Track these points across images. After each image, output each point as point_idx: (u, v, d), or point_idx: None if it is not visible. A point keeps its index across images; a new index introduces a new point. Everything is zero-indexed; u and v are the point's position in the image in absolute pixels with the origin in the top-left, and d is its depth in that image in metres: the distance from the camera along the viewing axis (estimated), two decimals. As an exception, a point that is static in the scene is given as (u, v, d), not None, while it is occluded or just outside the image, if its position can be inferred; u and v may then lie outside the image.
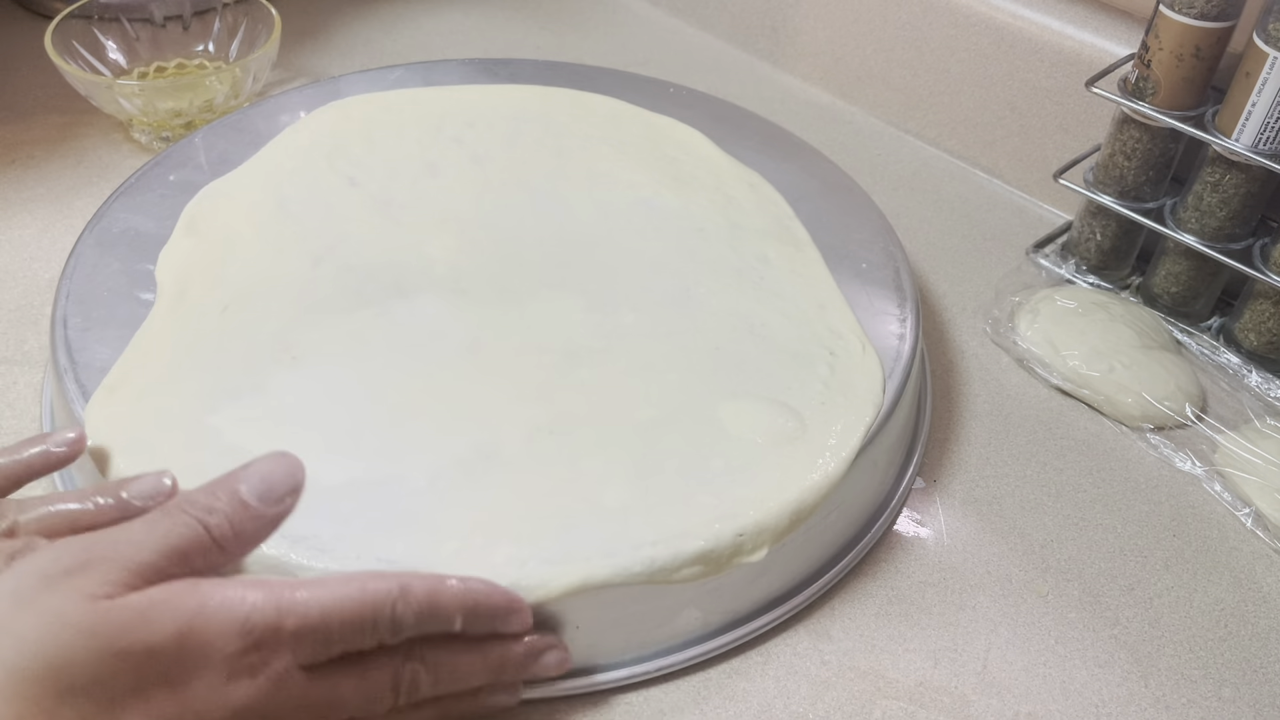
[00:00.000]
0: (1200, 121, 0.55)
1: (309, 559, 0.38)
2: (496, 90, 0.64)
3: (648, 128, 0.62)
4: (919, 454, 0.52)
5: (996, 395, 0.56)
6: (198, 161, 0.57)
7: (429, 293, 0.50)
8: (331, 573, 0.37)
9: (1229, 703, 0.43)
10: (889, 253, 0.55)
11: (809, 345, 0.49)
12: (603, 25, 0.85)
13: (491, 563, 0.39)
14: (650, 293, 0.51)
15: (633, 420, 0.45)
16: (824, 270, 0.53)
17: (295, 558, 0.38)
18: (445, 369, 0.46)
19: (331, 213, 0.54)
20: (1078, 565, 0.48)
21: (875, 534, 0.48)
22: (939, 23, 0.70)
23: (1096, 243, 0.62)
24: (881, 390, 0.47)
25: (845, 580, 0.46)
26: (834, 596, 0.46)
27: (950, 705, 0.42)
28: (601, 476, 0.42)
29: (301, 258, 0.51)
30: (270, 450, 0.36)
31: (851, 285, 0.53)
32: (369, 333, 0.48)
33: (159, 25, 0.70)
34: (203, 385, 0.45)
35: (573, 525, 0.40)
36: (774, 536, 0.42)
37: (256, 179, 0.56)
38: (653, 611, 0.41)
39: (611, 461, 0.43)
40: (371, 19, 0.83)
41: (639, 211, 0.56)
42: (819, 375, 0.47)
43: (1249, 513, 0.51)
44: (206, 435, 0.42)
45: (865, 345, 0.49)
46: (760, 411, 0.45)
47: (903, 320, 0.51)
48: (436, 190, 0.56)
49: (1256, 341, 0.57)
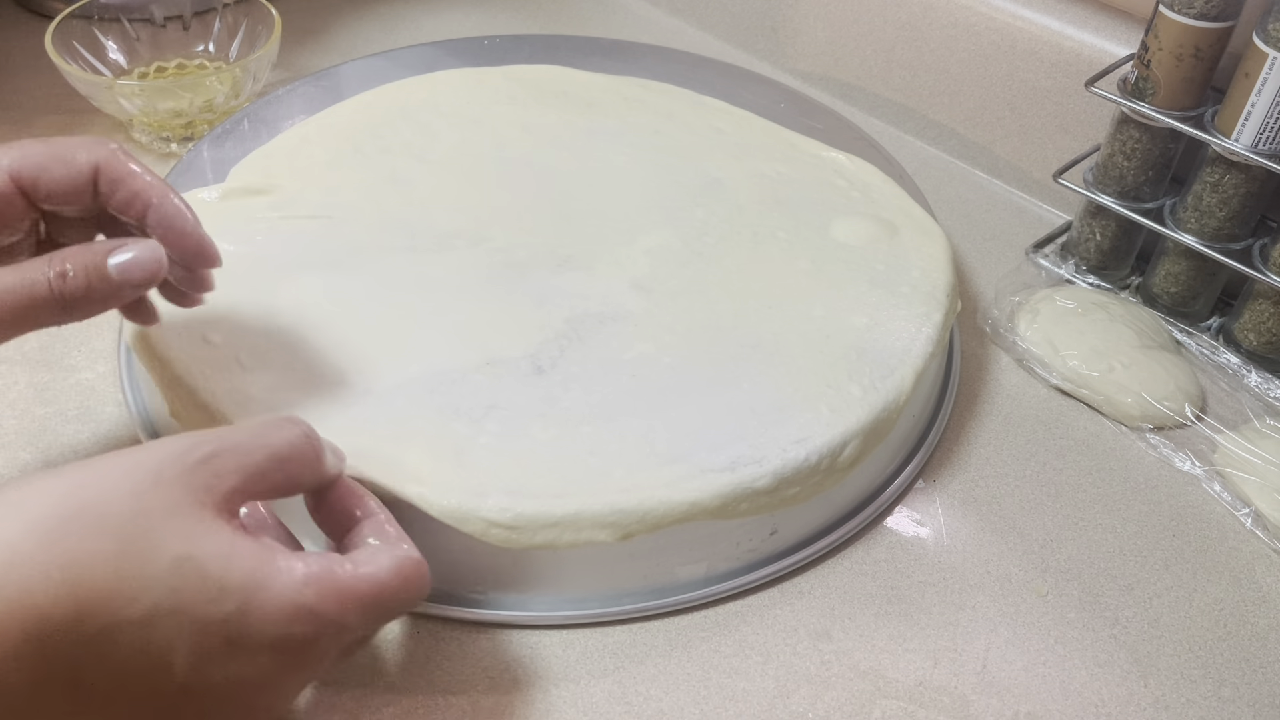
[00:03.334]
0: (1200, 121, 0.55)
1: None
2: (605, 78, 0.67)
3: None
4: (932, 443, 0.52)
5: (996, 395, 0.56)
6: (201, 169, 0.57)
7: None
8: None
9: (1229, 703, 0.43)
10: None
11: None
12: (603, 25, 0.85)
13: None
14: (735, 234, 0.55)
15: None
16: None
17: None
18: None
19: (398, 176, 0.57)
20: (1077, 565, 0.48)
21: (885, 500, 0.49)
22: (939, 23, 0.70)
23: (1096, 243, 0.62)
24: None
25: (845, 580, 0.47)
26: (834, 596, 0.46)
27: (950, 705, 0.42)
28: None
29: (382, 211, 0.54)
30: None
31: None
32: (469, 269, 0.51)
33: (159, 25, 0.70)
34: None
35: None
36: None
37: (328, 135, 0.59)
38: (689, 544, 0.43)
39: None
40: (372, 19, 0.83)
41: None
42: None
43: (1248, 513, 0.51)
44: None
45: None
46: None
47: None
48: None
49: (1256, 341, 0.57)
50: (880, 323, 0.50)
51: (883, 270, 0.53)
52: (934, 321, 0.50)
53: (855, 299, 0.51)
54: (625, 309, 0.49)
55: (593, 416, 0.44)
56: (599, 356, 0.47)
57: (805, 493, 0.44)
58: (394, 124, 0.60)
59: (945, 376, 0.55)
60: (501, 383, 0.45)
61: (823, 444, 0.44)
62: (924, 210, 0.57)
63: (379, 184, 0.55)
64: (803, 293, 0.51)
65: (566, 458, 0.42)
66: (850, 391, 0.46)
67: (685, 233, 0.54)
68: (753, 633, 0.44)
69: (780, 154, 0.61)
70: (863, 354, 0.48)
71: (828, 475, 0.44)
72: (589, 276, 0.51)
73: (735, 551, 0.45)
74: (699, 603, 0.45)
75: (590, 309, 0.49)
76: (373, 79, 0.64)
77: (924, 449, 0.52)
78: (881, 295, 0.51)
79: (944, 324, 0.51)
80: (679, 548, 0.43)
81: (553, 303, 0.49)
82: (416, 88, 0.63)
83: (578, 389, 0.45)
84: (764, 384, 0.46)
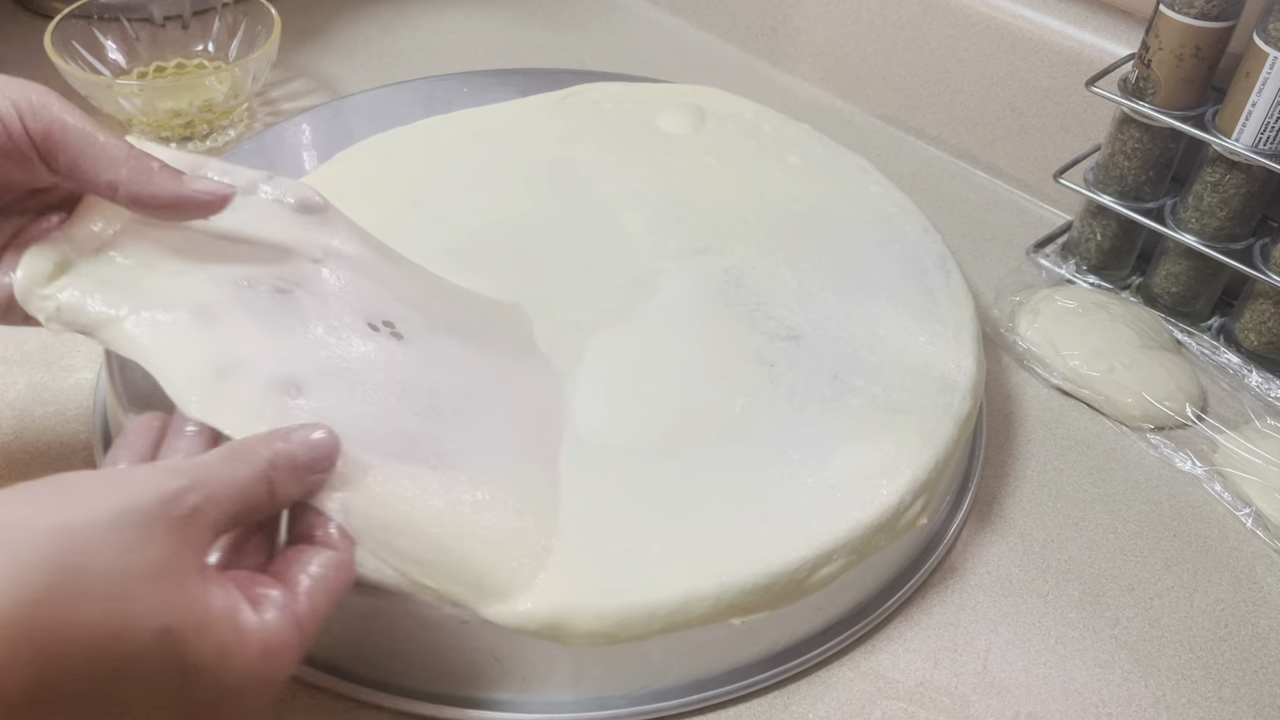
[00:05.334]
0: (1200, 121, 0.55)
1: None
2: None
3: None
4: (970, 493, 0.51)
5: (997, 395, 0.56)
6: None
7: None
8: None
9: (1229, 703, 0.43)
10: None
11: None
12: (603, 25, 0.85)
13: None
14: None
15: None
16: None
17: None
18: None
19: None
20: (1078, 565, 0.48)
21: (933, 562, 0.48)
22: (939, 23, 0.70)
23: (1097, 243, 0.62)
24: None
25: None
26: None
27: (950, 705, 0.42)
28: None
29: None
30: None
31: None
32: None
33: (159, 25, 0.70)
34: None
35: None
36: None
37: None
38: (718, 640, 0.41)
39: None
40: (372, 19, 0.83)
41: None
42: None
43: (1249, 513, 0.50)
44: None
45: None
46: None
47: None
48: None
49: (1256, 341, 0.57)
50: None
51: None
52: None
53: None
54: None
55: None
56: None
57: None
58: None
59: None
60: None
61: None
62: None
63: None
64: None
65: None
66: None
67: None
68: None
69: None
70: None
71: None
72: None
73: None
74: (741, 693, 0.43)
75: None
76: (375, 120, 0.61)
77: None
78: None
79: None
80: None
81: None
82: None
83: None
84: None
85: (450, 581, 0.37)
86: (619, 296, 0.50)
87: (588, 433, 0.44)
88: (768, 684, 0.42)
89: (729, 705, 0.42)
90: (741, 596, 0.39)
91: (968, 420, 0.47)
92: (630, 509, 0.41)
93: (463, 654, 0.39)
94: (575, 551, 0.39)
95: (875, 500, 0.42)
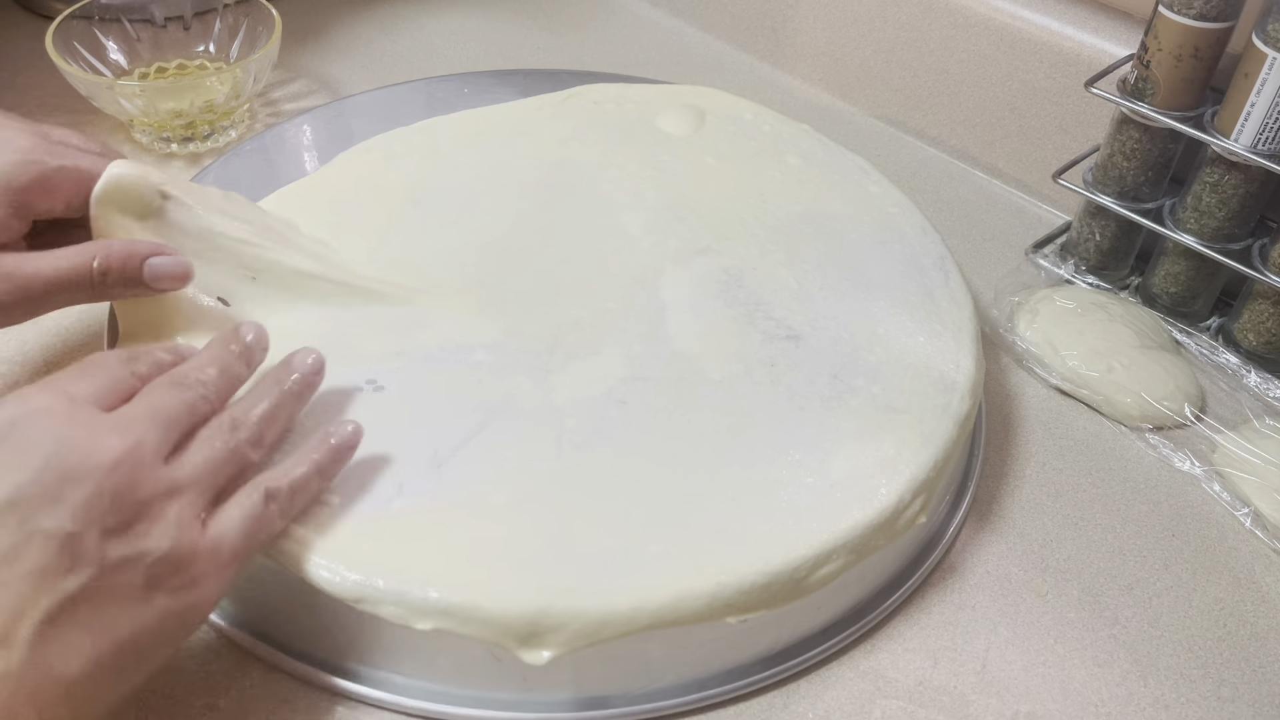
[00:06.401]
0: (1199, 122, 0.55)
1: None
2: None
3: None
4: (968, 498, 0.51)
5: (996, 395, 0.56)
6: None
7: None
8: None
9: (1228, 702, 0.43)
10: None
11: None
12: (603, 25, 0.85)
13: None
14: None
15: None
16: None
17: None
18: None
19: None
20: (1077, 565, 0.48)
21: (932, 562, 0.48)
22: (939, 23, 0.70)
23: (1095, 243, 0.62)
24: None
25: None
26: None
27: (950, 705, 0.42)
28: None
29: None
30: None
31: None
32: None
33: (160, 26, 0.70)
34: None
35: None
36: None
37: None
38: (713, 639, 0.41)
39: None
40: (372, 20, 0.83)
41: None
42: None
43: (1248, 513, 0.51)
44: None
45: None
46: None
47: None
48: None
49: (1255, 341, 0.57)
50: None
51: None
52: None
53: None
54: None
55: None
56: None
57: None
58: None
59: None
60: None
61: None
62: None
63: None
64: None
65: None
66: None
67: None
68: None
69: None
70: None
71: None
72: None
73: None
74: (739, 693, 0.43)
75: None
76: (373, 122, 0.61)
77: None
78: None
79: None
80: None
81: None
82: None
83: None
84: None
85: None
86: (619, 297, 0.50)
87: (586, 433, 0.44)
88: (767, 683, 0.42)
89: (728, 705, 0.42)
90: (740, 596, 0.39)
91: (967, 420, 0.47)
92: (629, 509, 0.41)
93: (463, 654, 0.39)
94: (573, 551, 0.39)
95: (874, 500, 0.42)
